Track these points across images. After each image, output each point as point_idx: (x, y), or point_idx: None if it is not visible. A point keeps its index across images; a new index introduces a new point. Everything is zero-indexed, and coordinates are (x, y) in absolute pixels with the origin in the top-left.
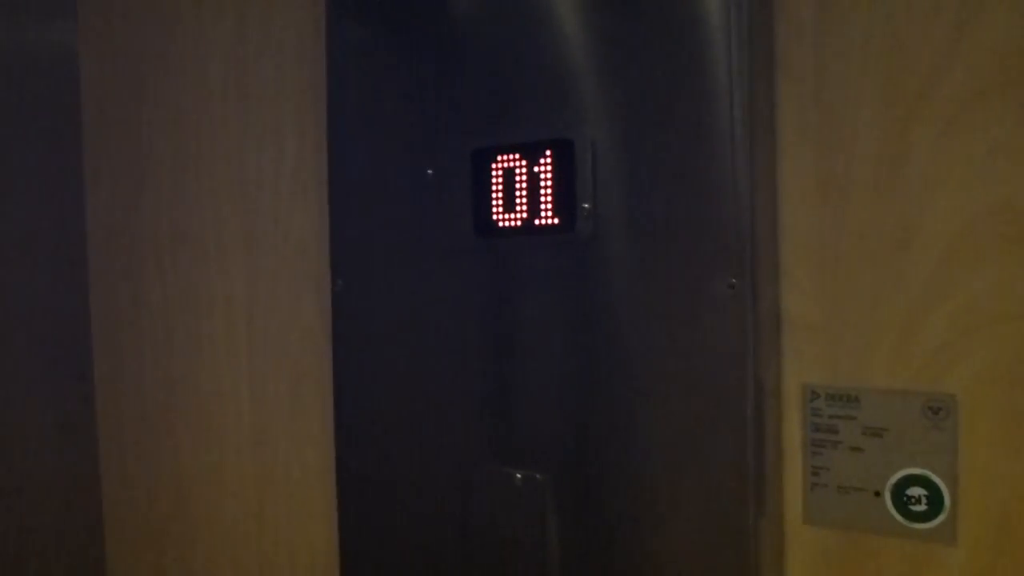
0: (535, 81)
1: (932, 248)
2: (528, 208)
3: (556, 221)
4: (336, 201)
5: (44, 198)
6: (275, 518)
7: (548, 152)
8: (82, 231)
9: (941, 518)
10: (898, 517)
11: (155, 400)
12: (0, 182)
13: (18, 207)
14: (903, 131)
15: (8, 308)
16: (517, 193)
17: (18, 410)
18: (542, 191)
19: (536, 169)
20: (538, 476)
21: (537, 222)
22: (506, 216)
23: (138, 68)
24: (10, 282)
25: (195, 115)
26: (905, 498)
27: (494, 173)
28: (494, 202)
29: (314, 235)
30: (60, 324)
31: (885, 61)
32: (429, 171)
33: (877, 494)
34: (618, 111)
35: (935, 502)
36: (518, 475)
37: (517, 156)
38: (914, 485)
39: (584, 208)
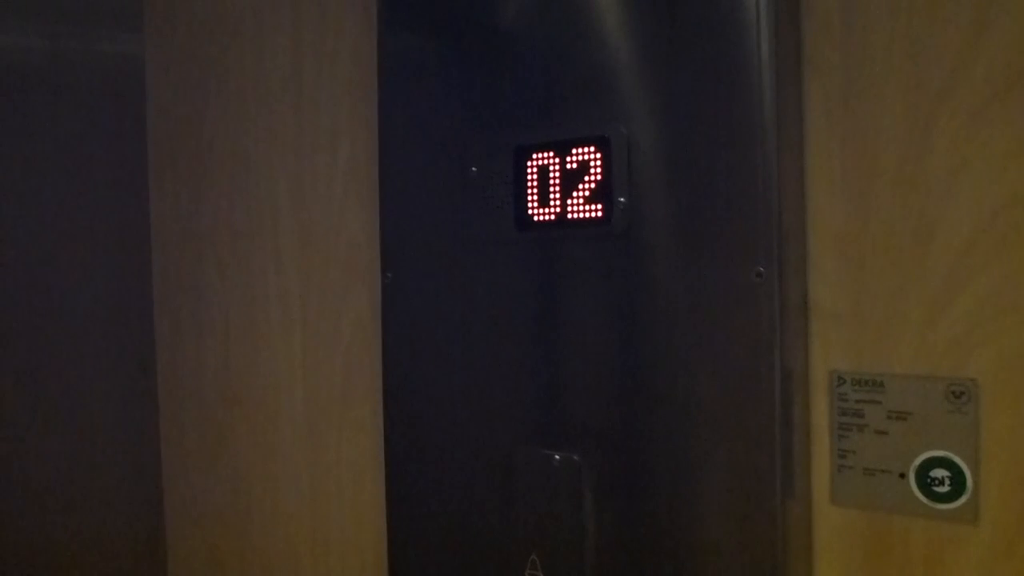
0: (574, 81)
1: (954, 238)
2: (567, 202)
3: (594, 214)
4: (386, 198)
5: (111, 198)
6: (327, 501)
7: (586, 148)
8: (146, 229)
9: (964, 499)
10: (922, 498)
11: (213, 390)
12: (70, 183)
13: (87, 206)
14: (926, 126)
15: (76, 302)
16: (557, 188)
17: (83, 400)
18: (580, 186)
19: (575, 165)
20: (575, 458)
21: (576, 216)
22: (546, 210)
23: (201, 75)
24: (78, 278)
25: (254, 119)
26: (929, 479)
27: (535, 169)
28: (534, 197)
29: (365, 231)
30: (124, 318)
31: (908, 59)
32: (473, 168)
33: (902, 476)
34: (652, 108)
35: (958, 483)
36: (556, 457)
37: (556, 152)
38: (937, 467)
39: (620, 202)
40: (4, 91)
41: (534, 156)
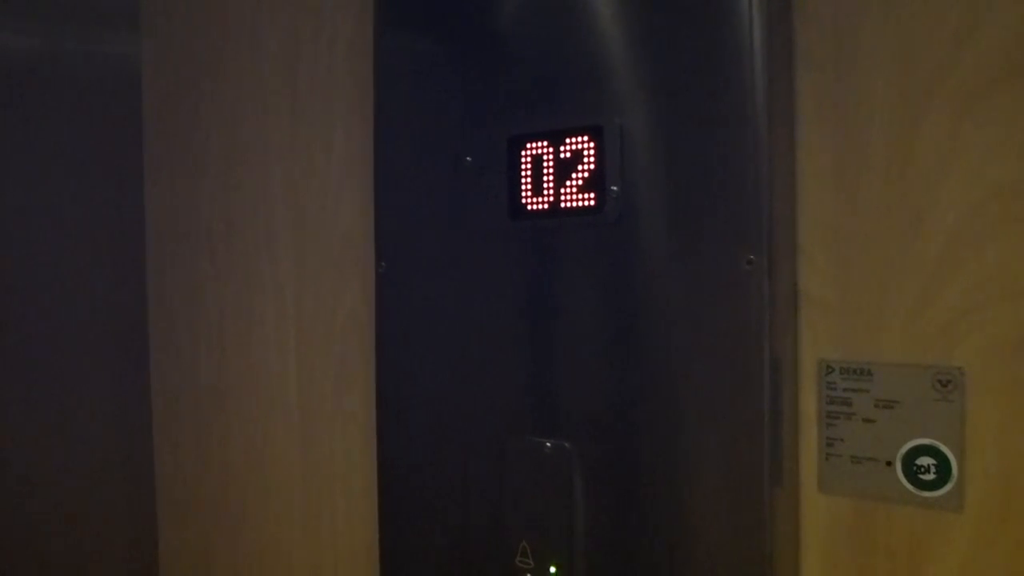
0: (568, 71)
1: (941, 229)
2: (560, 191)
3: (587, 203)
4: (381, 188)
5: (106, 193)
6: (318, 492)
7: (579, 138)
8: (141, 223)
9: (949, 486)
10: (908, 486)
11: (207, 381)
12: (66, 178)
13: (82, 201)
14: (915, 119)
15: (71, 296)
16: (551, 177)
17: (76, 392)
18: (574, 175)
19: (568, 154)
20: (566, 445)
21: (569, 204)
22: (539, 199)
23: (196, 70)
24: (73, 272)
25: (249, 113)
26: (915, 467)
27: (529, 158)
28: (528, 186)
29: (359, 222)
30: (118, 310)
31: (899, 53)
32: (468, 158)
33: (888, 463)
34: (645, 98)
35: (943, 471)
36: (548, 444)
37: (550, 141)
38: (923, 455)
39: (613, 191)
40: (1, 89)
41: (528, 145)
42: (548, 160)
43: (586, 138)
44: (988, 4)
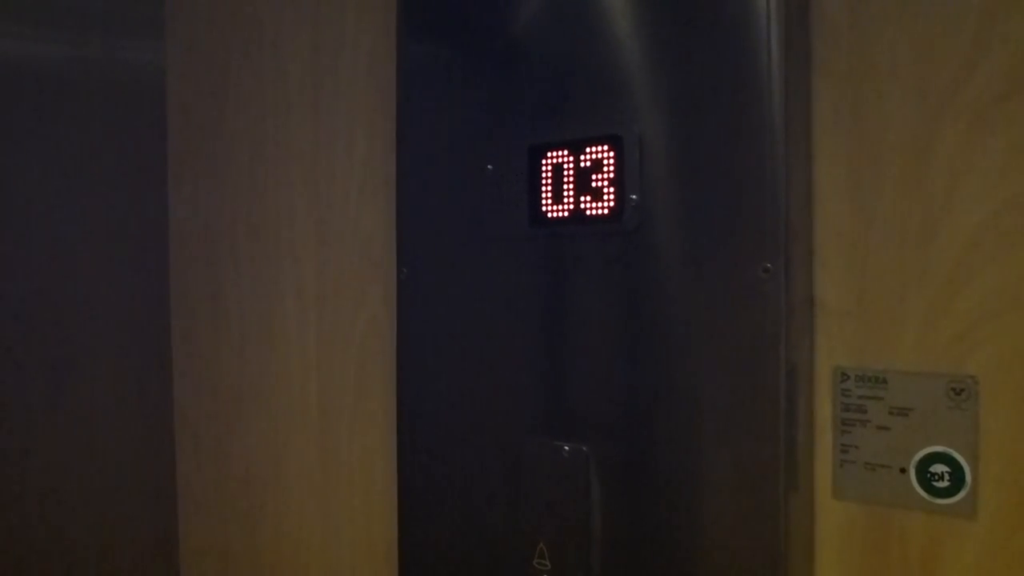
0: (587, 81)
1: (956, 238)
2: (579, 199)
3: (605, 211)
4: (403, 195)
5: (131, 197)
6: (338, 496)
7: (599, 147)
8: (164, 227)
9: (962, 494)
10: (922, 493)
11: (228, 384)
12: (92, 182)
13: (107, 205)
14: (930, 128)
15: (95, 297)
16: (570, 185)
17: (100, 391)
18: (593, 183)
19: (588, 162)
20: (584, 448)
21: (588, 212)
22: (559, 207)
23: (220, 77)
24: (98, 274)
25: (272, 119)
26: (929, 474)
27: (549, 167)
28: (548, 194)
29: (381, 228)
30: (142, 312)
31: (914, 63)
32: (489, 166)
33: (902, 471)
34: (663, 108)
35: (957, 478)
36: (566, 447)
37: (570, 150)
38: (937, 462)
39: (631, 199)
40: (30, 95)
41: (548, 154)
42: (568, 168)
43: (606, 147)
44: (1004, 16)
